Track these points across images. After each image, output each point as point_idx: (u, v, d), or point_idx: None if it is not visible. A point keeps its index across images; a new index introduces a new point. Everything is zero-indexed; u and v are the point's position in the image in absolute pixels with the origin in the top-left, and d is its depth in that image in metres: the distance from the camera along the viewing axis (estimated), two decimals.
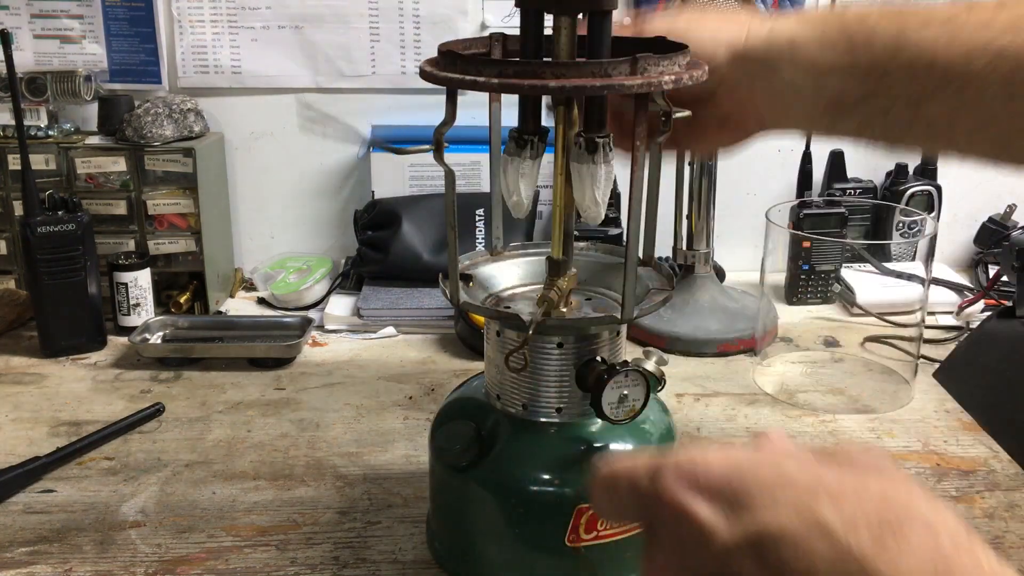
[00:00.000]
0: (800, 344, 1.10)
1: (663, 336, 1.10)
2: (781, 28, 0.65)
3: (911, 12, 0.62)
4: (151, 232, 1.19)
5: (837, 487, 0.37)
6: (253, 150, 1.33)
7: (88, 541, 0.73)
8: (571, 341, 0.64)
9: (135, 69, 1.29)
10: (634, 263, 0.61)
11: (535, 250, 0.75)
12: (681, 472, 0.40)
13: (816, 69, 0.63)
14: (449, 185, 0.63)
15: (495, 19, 1.29)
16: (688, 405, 0.97)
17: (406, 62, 1.30)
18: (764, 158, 1.36)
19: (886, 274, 1.13)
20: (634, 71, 0.55)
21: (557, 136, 0.62)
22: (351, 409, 0.96)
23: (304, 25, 1.28)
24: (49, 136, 1.18)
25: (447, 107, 0.61)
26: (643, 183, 0.61)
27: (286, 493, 0.80)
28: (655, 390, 0.66)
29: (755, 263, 1.05)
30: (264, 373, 1.05)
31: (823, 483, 0.38)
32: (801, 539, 0.36)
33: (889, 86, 0.61)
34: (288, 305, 1.24)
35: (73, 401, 0.98)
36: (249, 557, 0.71)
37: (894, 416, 0.94)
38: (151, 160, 1.16)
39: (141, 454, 0.87)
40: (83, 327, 1.09)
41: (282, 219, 1.36)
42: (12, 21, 1.26)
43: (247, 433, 0.91)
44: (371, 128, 1.31)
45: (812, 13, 0.66)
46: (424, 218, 1.23)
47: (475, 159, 1.27)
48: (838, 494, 0.37)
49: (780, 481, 0.38)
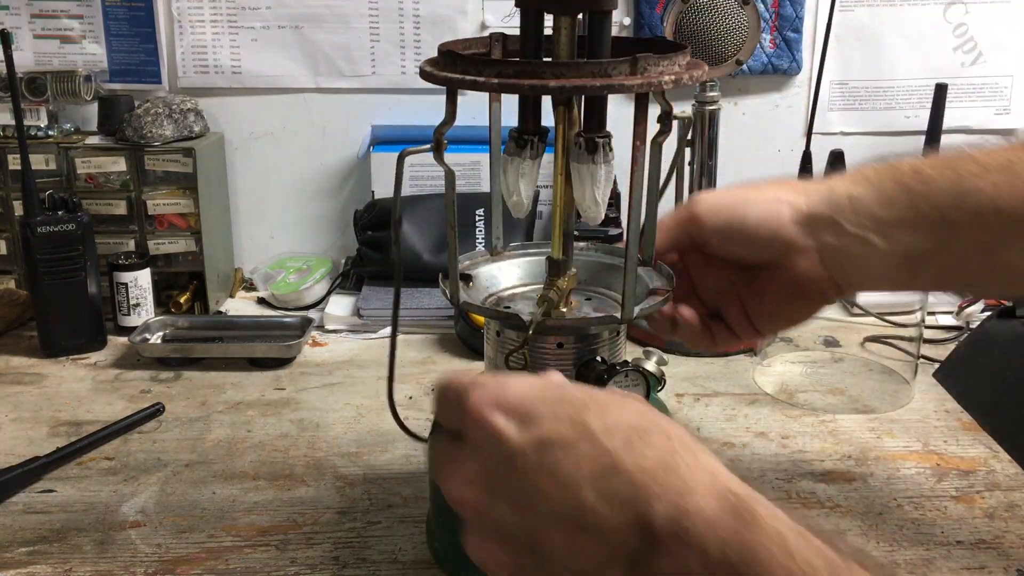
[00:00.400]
0: (800, 344, 1.10)
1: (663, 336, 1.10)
2: (839, 187, 0.64)
3: (964, 160, 0.62)
4: (151, 232, 1.19)
5: (603, 402, 0.48)
6: (253, 150, 1.33)
7: (88, 541, 0.73)
8: (571, 341, 0.64)
9: (135, 69, 1.29)
10: (634, 263, 0.61)
11: (535, 250, 0.75)
12: (486, 392, 0.49)
13: (882, 224, 0.62)
14: (449, 185, 0.63)
15: (495, 19, 1.29)
16: (688, 405, 0.97)
17: (406, 62, 1.30)
18: (764, 158, 1.36)
19: None
20: (634, 71, 0.55)
21: (557, 136, 0.62)
22: (351, 409, 0.96)
23: (304, 25, 1.28)
24: (49, 136, 1.18)
25: (447, 107, 0.61)
26: (643, 183, 0.61)
27: (286, 493, 0.80)
28: (655, 390, 0.66)
29: None
30: (264, 373, 1.05)
31: (593, 399, 0.48)
32: (571, 443, 0.45)
33: (958, 236, 0.61)
34: (288, 305, 1.24)
35: (73, 401, 0.98)
36: (249, 557, 0.71)
37: (894, 416, 0.94)
38: (151, 160, 1.16)
39: (141, 454, 0.87)
40: (83, 327, 1.09)
41: (282, 219, 1.36)
42: (12, 21, 1.26)
43: (247, 433, 0.91)
44: (371, 128, 1.31)
45: (866, 170, 0.65)
46: (424, 218, 1.23)
47: (475, 159, 1.27)
48: (603, 407, 0.47)
49: (560, 399, 0.48)
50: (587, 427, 0.46)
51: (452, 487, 0.49)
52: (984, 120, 1.36)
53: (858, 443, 0.89)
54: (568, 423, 0.46)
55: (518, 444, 0.46)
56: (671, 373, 0.70)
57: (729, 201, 0.66)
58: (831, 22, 1.25)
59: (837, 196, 0.64)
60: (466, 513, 0.48)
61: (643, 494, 0.43)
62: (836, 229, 0.64)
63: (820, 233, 0.64)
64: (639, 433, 0.45)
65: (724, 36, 1.07)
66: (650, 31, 1.27)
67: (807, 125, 1.32)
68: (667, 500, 0.43)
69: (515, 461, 0.46)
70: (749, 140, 1.35)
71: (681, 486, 0.43)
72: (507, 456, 0.46)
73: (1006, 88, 1.35)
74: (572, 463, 0.45)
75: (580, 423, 0.46)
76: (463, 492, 0.48)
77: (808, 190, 0.65)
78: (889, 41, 1.32)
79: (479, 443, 0.48)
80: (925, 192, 0.61)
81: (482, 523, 0.48)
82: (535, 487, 0.45)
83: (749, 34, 1.08)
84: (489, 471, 0.47)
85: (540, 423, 0.46)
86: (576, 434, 0.46)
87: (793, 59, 1.31)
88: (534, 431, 0.46)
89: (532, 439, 0.46)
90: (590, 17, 0.60)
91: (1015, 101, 1.35)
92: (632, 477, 0.44)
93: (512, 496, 0.46)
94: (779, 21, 1.29)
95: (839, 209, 0.63)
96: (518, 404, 0.48)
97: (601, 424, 0.46)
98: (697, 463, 0.44)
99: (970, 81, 1.34)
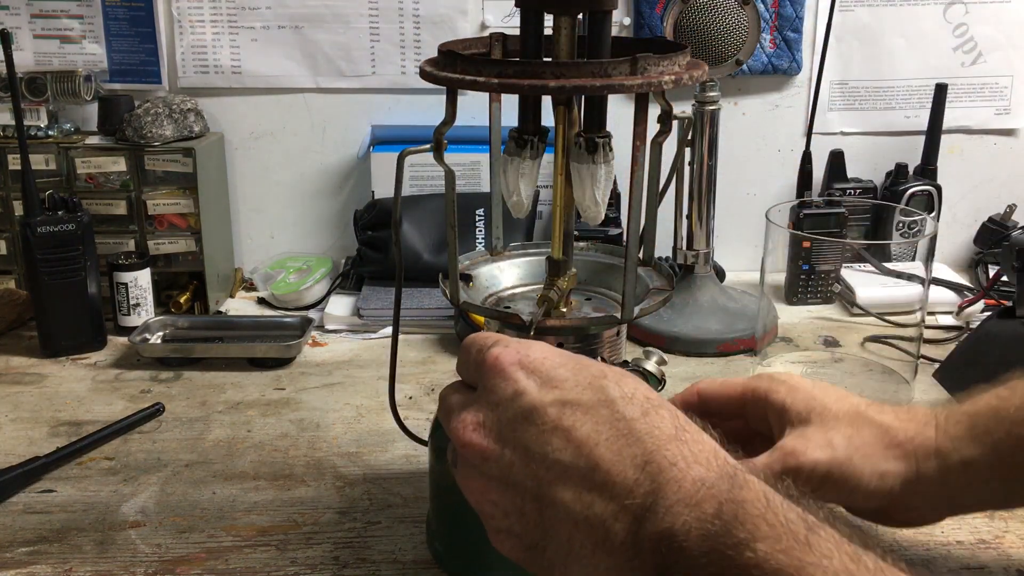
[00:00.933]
0: (800, 344, 1.10)
1: (663, 336, 1.10)
2: (950, 450, 0.61)
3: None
4: (151, 232, 1.19)
5: (620, 373, 0.51)
6: (253, 150, 1.33)
7: (88, 541, 0.73)
8: (571, 341, 0.64)
9: (135, 69, 1.29)
10: (634, 263, 0.61)
11: (535, 250, 0.75)
12: (510, 350, 0.52)
13: (997, 480, 0.61)
14: (449, 185, 0.63)
15: (495, 19, 1.29)
16: None
17: (406, 62, 1.30)
18: (764, 158, 1.36)
19: (886, 274, 1.13)
20: (634, 71, 0.55)
21: (557, 136, 0.62)
22: (351, 409, 0.96)
23: (304, 25, 1.28)
24: (49, 136, 1.18)
25: (447, 107, 0.61)
26: (643, 183, 0.61)
27: (286, 493, 0.80)
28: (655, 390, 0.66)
29: (755, 263, 1.05)
30: (264, 373, 1.05)
31: (612, 370, 0.51)
32: (591, 406, 0.49)
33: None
34: (288, 305, 1.24)
35: (73, 401, 0.98)
36: (249, 557, 0.71)
37: None
38: (151, 160, 1.16)
39: (141, 454, 0.87)
40: (83, 327, 1.09)
41: (282, 219, 1.36)
42: (12, 21, 1.26)
43: (247, 433, 0.91)
44: (371, 128, 1.31)
45: (976, 418, 0.61)
46: (424, 218, 1.23)
47: (475, 159, 1.27)
48: (621, 377, 0.51)
49: (580, 366, 0.51)
50: (607, 393, 0.49)
51: (461, 429, 0.51)
52: (984, 120, 1.36)
53: None
54: (589, 388, 0.49)
55: (539, 401, 0.49)
56: (671, 373, 0.70)
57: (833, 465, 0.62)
58: (831, 22, 1.25)
59: (950, 462, 0.61)
60: (470, 455, 0.51)
61: (656, 459, 0.46)
62: (950, 501, 0.63)
63: (934, 499, 0.63)
64: (654, 406, 0.49)
65: (724, 36, 1.07)
66: (650, 31, 1.27)
67: (807, 125, 1.32)
68: (676, 466, 0.46)
69: (534, 416, 0.49)
70: (749, 140, 1.35)
71: (689, 455, 0.46)
72: (526, 410, 0.49)
73: (1006, 88, 1.35)
74: (591, 424, 0.48)
75: (600, 389, 0.49)
76: (472, 435, 0.51)
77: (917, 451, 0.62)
78: (889, 41, 1.32)
79: (499, 395, 0.51)
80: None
81: (486, 467, 0.50)
82: (551, 442, 0.48)
83: (749, 34, 1.08)
84: (505, 422, 0.50)
85: (562, 385, 0.50)
86: (596, 399, 0.49)
87: (793, 59, 1.31)
88: (556, 392, 0.49)
89: (553, 399, 0.49)
90: (590, 17, 0.60)
91: (1015, 101, 1.35)
92: (646, 444, 0.47)
93: (526, 447, 0.49)
94: (779, 21, 1.29)
95: (951, 477, 0.61)
96: (540, 365, 0.51)
97: (619, 392, 0.49)
98: (701, 439, 0.48)
99: (970, 81, 1.34)
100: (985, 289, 1.21)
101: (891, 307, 1.09)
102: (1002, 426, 0.60)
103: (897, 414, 0.63)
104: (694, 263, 1.17)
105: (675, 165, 0.72)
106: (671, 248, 1.19)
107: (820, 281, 1.18)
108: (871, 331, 1.09)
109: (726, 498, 0.43)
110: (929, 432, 0.62)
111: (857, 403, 0.64)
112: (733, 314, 1.13)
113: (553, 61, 0.60)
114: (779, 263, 1.17)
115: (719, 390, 0.69)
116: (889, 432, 0.62)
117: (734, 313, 1.13)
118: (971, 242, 1.38)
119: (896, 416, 0.63)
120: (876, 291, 1.14)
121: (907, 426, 0.63)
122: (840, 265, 1.19)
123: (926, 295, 0.98)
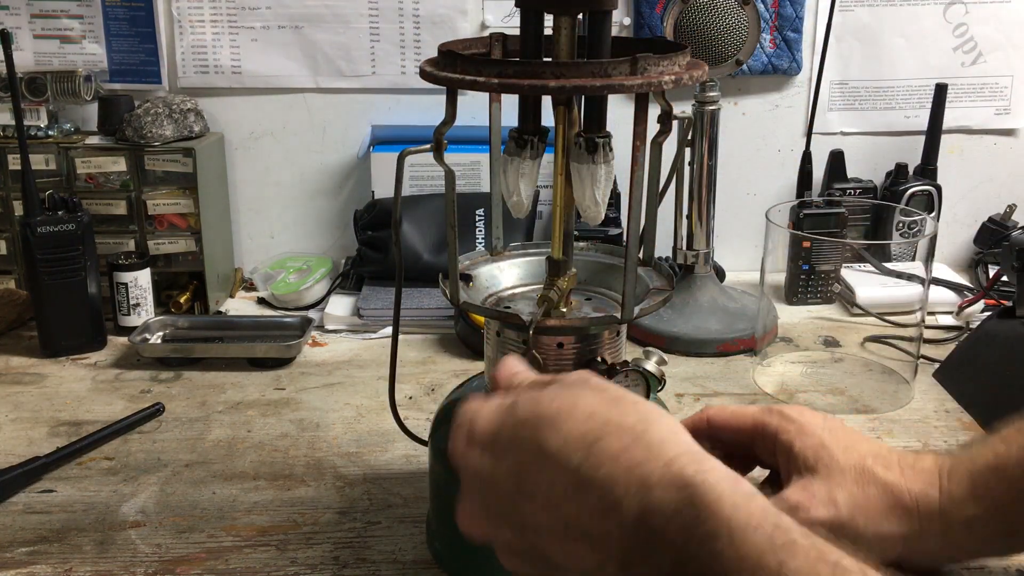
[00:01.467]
0: (800, 344, 1.10)
1: (663, 336, 1.10)
2: (953, 511, 0.62)
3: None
4: (151, 232, 1.19)
5: (553, 415, 0.49)
6: (253, 150, 1.33)
7: (88, 541, 0.73)
8: (571, 341, 0.64)
9: (135, 69, 1.29)
10: (634, 263, 0.61)
11: (535, 250, 0.75)
12: (462, 431, 0.52)
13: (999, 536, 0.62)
14: (449, 185, 0.63)
15: (495, 19, 1.29)
16: (688, 405, 0.97)
17: (406, 62, 1.30)
18: (764, 158, 1.36)
19: (886, 274, 1.13)
20: (634, 71, 0.55)
21: (557, 136, 0.62)
22: (351, 409, 0.96)
23: (304, 25, 1.28)
24: (49, 136, 1.18)
25: (447, 107, 0.61)
26: (643, 183, 0.61)
27: (286, 493, 0.80)
28: (655, 390, 0.66)
29: (755, 263, 1.05)
30: (264, 373, 1.05)
31: (543, 415, 0.49)
32: (537, 467, 0.48)
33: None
34: (288, 305, 1.24)
35: (73, 401, 0.98)
36: (249, 557, 0.71)
37: (894, 416, 0.94)
38: (151, 160, 1.16)
39: (141, 454, 0.87)
40: (83, 327, 1.09)
41: (282, 219, 1.36)
42: (12, 21, 1.26)
43: (247, 433, 0.91)
44: (371, 128, 1.31)
45: (976, 476, 0.62)
46: (424, 218, 1.23)
47: (475, 159, 1.27)
48: (554, 421, 0.49)
49: (516, 423, 0.50)
50: (544, 448, 0.48)
51: (464, 525, 0.53)
52: (984, 120, 1.36)
53: None
54: (529, 449, 0.49)
55: (495, 476, 0.50)
56: (671, 373, 0.70)
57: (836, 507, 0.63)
58: (831, 22, 1.25)
59: (953, 522, 0.62)
60: (481, 542, 0.52)
61: (612, 500, 0.46)
62: (950, 555, 0.64)
63: (930, 553, 0.63)
64: (595, 440, 0.47)
65: (724, 36, 1.07)
66: (650, 31, 1.27)
67: (807, 125, 1.32)
68: (633, 501, 0.45)
69: (498, 490, 0.50)
70: (749, 140, 1.35)
71: (642, 483, 0.45)
72: (490, 488, 0.50)
73: (1006, 88, 1.35)
74: (545, 485, 0.48)
75: (537, 446, 0.48)
76: (472, 527, 0.52)
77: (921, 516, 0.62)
78: (889, 41, 1.32)
79: (468, 482, 0.52)
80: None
81: (498, 547, 0.52)
82: (522, 510, 0.49)
83: (749, 34, 1.08)
84: (484, 503, 0.51)
85: (507, 453, 0.50)
86: (538, 458, 0.48)
87: (793, 59, 1.31)
88: (504, 462, 0.50)
89: (505, 470, 0.50)
90: (590, 17, 0.60)
91: (1015, 101, 1.35)
92: (599, 488, 0.46)
93: (509, 520, 0.50)
94: (779, 21, 1.29)
95: (953, 535, 0.62)
96: (486, 436, 0.51)
97: (558, 442, 0.48)
98: (650, 455, 0.46)
99: (970, 81, 1.34)
100: (985, 289, 1.21)
101: (891, 307, 1.09)
102: (1002, 484, 0.61)
103: (903, 471, 0.64)
104: (694, 263, 1.17)
105: (675, 165, 0.72)
106: (671, 248, 1.19)
107: (820, 281, 1.18)
108: (871, 331, 1.09)
109: (693, 531, 0.44)
110: (933, 493, 0.63)
111: (865, 454, 0.65)
112: (733, 314, 1.13)
113: (553, 61, 0.60)
114: (779, 263, 1.17)
115: (729, 420, 0.70)
116: (894, 492, 0.63)
117: (734, 313, 1.13)
118: (971, 242, 1.38)
119: (902, 473, 0.64)
120: (876, 291, 1.14)
121: (912, 486, 0.63)
122: (840, 265, 1.19)
123: (926, 295, 0.98)
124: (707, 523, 0.43)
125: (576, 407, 0.49)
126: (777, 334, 1.10)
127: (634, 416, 0.49)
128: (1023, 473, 0.60)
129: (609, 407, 0.49)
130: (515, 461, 0.49)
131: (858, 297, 1.14)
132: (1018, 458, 0.61)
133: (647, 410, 0.50)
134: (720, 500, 0.44)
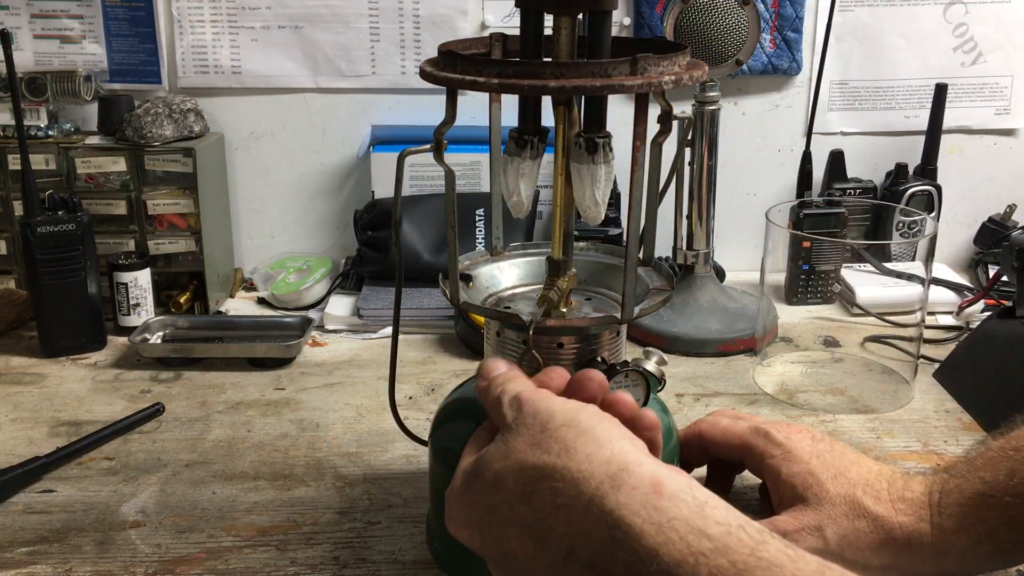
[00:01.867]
0: (800, 344, 1.10)
1: (663, 336, 1.10)
2: (945, 544, 0.62)
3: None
4: (151, 232, 1.19)
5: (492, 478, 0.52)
6: (253, 150, 1.33)
7: (88, 541, 0.73)
8: (571, 341, 0.64)
9: (135, 69, 1.29)
10: (634, 263, 0.61)
11: (535, 250, 0.75)
12: (459, 477, 0.54)
13: (992, 560, 0.62)
14: (449, 185, 0.63)
15: (495, 19, 1.29)
16: (688, 405, 0.97)
17: (406, 62, 1.30)
18: (764, 158, 1.36)
19: (886, 274, 1.13)
20: (634, 71, 0.55)
21: (557, 136, 0.62)
22: (351, 409, 0.96)
23: (304, 25, 1.28)
24: (49, 136, 1.18)
25: (447, 107, 0.61)
26: (643, 183, 0.61)
27: (286, 493, 0.80)
28: (655, 390, 0.66)
29: (755, 263, 1.05)
30: (264, 373, 1.05)
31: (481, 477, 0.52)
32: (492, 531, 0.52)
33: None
34: (288, 305, 1.24)
35: (73, 401, 0.98)
36: (249, 557, 0.71)
37: (894, 416, 0.94)
38: (151, 160, 1.16)
39: (141, 454, 0.87)
40: (83, 327, 1.09)
41: (282, 219, 1.36)
42: (12, 21, 1.26)
43: (247, 433, 0.91)
44: (371, 128, 1.31)
45: (967, 508, 0.62)
46: (424, 218, 1.23)
47: (475, 159, 1.27)
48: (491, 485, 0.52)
49: (466, 487, 0.54)
50: (493, 517, 0.51)
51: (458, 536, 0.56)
52: (984, 120, 1.36)
53: (858, 443, 0.89)
54: (478, 516, 0.52)
55: (483, 551, 0.53)
56: (671, 373, 0.70)
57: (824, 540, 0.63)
58: (831, 22, 1.25)
59: (946, 553, 0.62)
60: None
61: (561, 552, 0.48)
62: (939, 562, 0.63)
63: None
64: (525, 498, 0.50)
65: (724, 36, 1.07)
66: (650, 31, 1.27)
67: (807, 125, 1.32)
68: (588, 549, 0.47)
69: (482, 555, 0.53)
70: (749, 140, 1.35)
71: (577, 531, 0.47)
72: (482, 553, 0.54)
73: (1006, 88, 1.35)
74: (508, 545, 0.50)
75: (485, 516, 0.52)
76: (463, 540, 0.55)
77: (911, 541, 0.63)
78: (889, 41, 1.32)
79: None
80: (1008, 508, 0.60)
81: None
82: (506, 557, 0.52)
83: (749, 34, 1.08)
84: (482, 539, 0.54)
85: (468, 520, 0.54)
86: (487, 524, 0.52)
87: (793, 59, 1.31)
88: (471, 526, 0.53)
89: (474, 538, 0.53)
90: (590, 17, 0.60)
91: (1015, 101, 1.35)
92: (550, 543, 0.48)
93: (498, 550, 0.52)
94: (779, 21, 1.29)
95: (945, 564, 0.62)
96: (458, 507, 0.54)
97: (504, 510, 0.51)
98: (579, 495, 0.47)
99: (970, 81, 1.34)
100: (985, 289, 1.21)
101: (891, 307, 1.09)
102: (992, 512, 0.61)
103: (893, 503, 0.64)
104: (694, 263, 1.17)
105: (675, 165, 0.72)
106: (671, 248, 1.19)
107: (820, 281, 1.18)
108: (871, 331, 1.09)
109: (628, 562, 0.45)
110: (924, 527, 0.62)
111: (855, 483, 0.65)
112: (733, 314, 1.13)
113: (553, 61, 0.60)
114: (779, 263, 1.17)
115: (719, 437, 0.71)
116: (884, 527, 0.63)
117: (734, 313, 1.13)
118: (971, 242, 1.38)
119: (892, 506, 0.64)
120: (876, 291, 1.14)
121: (902, 519, 0.63)
122: (840, 265, 1.19)
123: (926, 295, 0.98)
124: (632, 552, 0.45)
125: (510, 464, 0.51)
126: (777, 334, 1.10)
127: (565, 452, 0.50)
128: (1012, 501, 0.60)
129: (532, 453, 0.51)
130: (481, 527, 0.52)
131: (858, 297, 1.14)
132: (1005, 486, 0.60)
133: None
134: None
